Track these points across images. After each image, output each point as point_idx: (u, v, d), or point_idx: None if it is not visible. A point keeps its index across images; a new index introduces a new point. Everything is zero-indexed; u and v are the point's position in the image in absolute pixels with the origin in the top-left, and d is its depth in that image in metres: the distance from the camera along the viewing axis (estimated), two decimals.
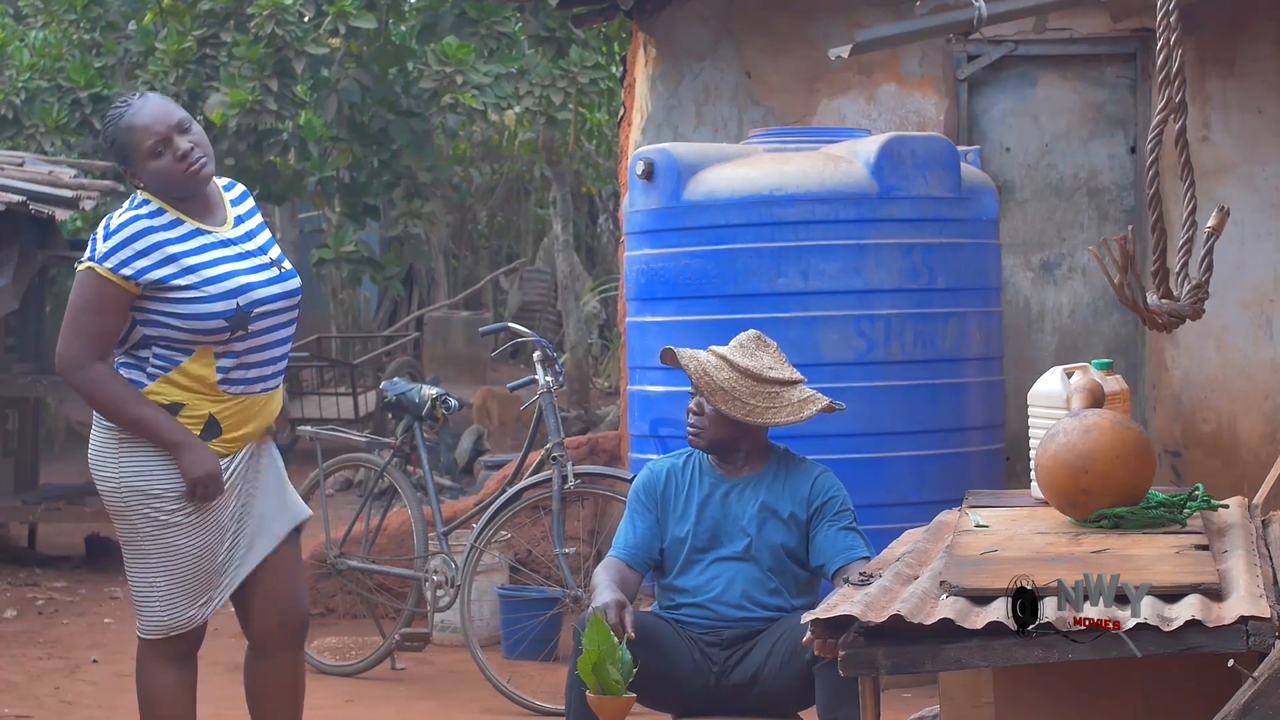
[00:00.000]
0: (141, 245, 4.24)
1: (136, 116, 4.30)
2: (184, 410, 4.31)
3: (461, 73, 12.25)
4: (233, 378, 4.33)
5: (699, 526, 4.60)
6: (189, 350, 4.29)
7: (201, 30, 12.00)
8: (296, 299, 4.44)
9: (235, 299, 4.27)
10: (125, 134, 4.30)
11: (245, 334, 4.30)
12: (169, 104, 4.37)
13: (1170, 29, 3.94)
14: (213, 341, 4.28)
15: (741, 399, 4.55)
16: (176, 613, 4.35)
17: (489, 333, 7.50)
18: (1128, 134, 7.51)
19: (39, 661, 7.11)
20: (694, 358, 4.61)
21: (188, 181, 4.30)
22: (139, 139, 4.28)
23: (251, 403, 4.38)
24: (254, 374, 4.37)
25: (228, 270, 4.30)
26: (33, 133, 12.01)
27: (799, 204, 6.32)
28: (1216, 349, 7.32)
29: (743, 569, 4.55)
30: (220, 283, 4.27)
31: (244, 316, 4.28)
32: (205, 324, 4.25)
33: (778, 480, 4.61)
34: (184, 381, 4.30)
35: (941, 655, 3.15)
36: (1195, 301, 4.05)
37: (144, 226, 4.27)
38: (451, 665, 7.05)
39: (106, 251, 4.23)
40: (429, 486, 6.92)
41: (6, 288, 8.74)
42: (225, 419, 4.34)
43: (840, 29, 7.28)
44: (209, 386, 4.31)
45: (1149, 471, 3.96)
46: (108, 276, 4.23)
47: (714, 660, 4.50)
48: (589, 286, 18.24)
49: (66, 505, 9.33)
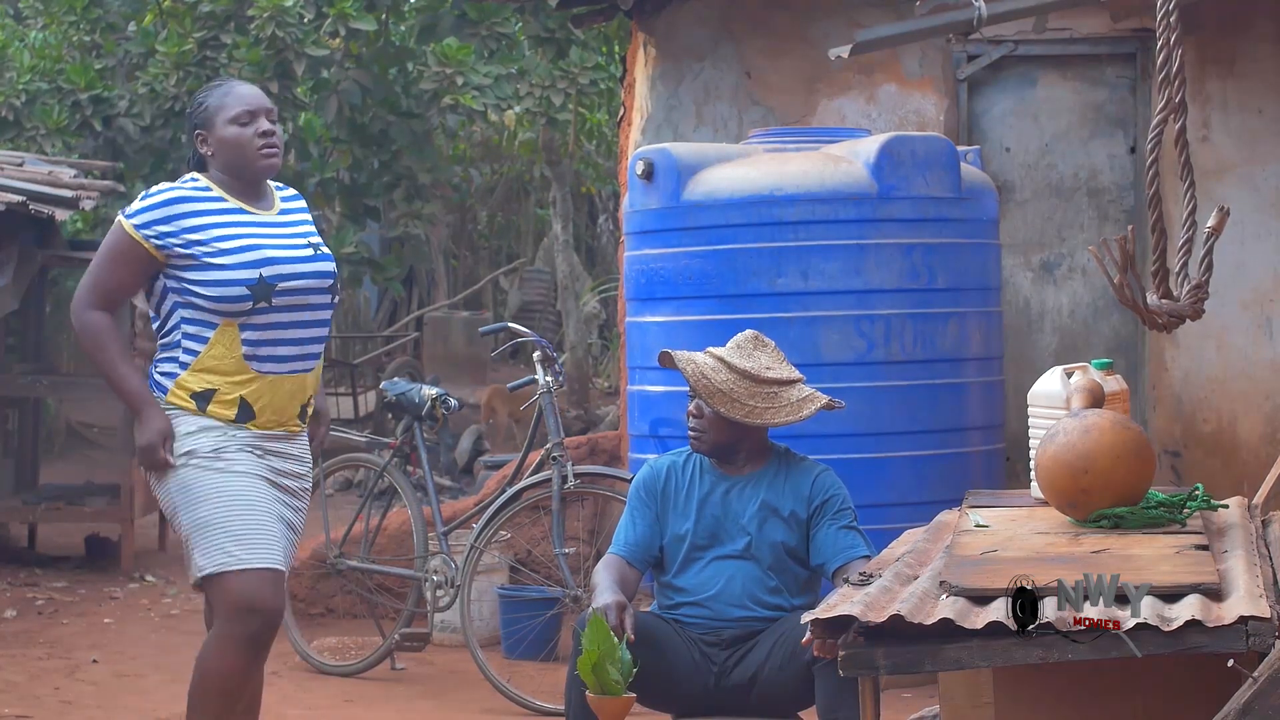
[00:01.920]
0: (172, 212, 4.34)
1: (236, 88, 4.46)
2: (216, 395, 4.34)
3: (461, 73, 12.25)
4: (261, 354, 4.36)
5: (699, 525, 4.60)
6: (214, 324, 4.33)
7: (202, 32, 11.99)
8: (329, 281, 4.49)
9: (259, 269, 4.33)
10: (219, 98, 4.43)
11: (269, 306, 4.34)
12: (264, 94, 4.53)
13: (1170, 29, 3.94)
14: (237, 312, 4.32)
15: (740, 400, 4.54)
16: (229, 546, 4.25)
17: (489, 333, 7.50)
18: (1128, 134, 7.51)
19: (39, 661, 7.10)
20: (691, 360, 4.61)
21: (257, 160, 4.41)
22: (231, 104, 4.41)
23: (282, 383, 4.40)
24: (283, 351, 4.39)
25: (253, 243, 4.37)
26: (33, 134, 12.00)
27: (799, 204, 6.32)
28: (1216, 349, 7.32)
29: (742, 568, 4.55)
30: (243, 253, 4.34)
31: (268, 287, 4.33)
32: (228, 291, 4.31)
33: (778, 479, 4.61)
34: (213, 363, 4.34)
35: (941, 655, 3.15)
36: (1195, 301, 4.05)
37: (181, 196, 4.38)
38: (451, 665, 7.05)
39: (138, 210, 4.36)
40: (429, 486, 6.93)
41: (6, 288, 8.74)
42: (257, 401, 4.36)
43: (840, 29, 7.29)
44: (237, 362, 4.34)
45: (1149, 471, 3.96)
46: (130, 234, 4.34)
47: (714, 660, 4.50)
48: (589, 287, 18.24)
49: (66, 505, 9.33)
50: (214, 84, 4.55)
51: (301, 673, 6.98)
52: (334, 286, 4.52)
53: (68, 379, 11.17)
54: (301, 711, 6.37)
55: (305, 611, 7.61)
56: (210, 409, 4.34)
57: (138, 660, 7.03)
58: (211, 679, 4.31)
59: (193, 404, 4.35)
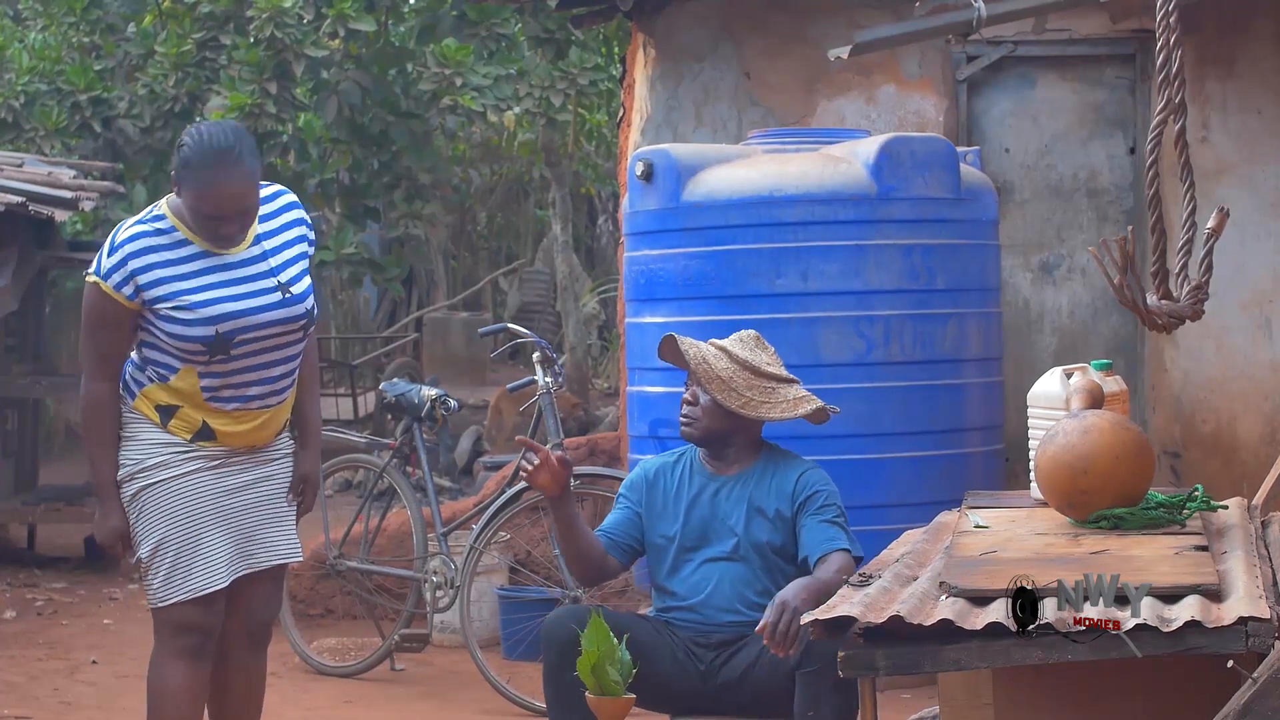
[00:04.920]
0: (139, 264, 4.28)
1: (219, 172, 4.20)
2: (179, 413, 4.38)
3: (461, 74, 12.24)
4: (222, 396, 4.38)
5: (687, 526, 4.60)
6: (175, 367, 4.35)
7: (201, 33, 11.99)
8: (300, 323, 4.41)
9: (215, 326, 4.29)
10: (197, 178, 4.21)
11: (227, 357, 4.33)
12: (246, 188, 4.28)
13: (1170, 30, 3.95)
14: (195, 361, 4.33)
15: (738, 390, 4.54)
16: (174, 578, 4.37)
17: (488, 334, 7.49)
18: (1127, 135, 7.51)
19: (38, 662, 7.11)
20: (695, 345, 4.62)
21: (211, 237, 4.30)
22: (201, 193, 4.22)
23: (249, 416, 4.42)
24: (250, 392, 4.40)
25: (214, 296, 4.30)
26: (32, 135, 12.00)
27: (798, 205, 6.32)
28: (1216, 349, 7.32)
29: (731, 569, 4.54)
30: (202, 309, 4.28)
31: (224, 343, 4.30)
32: (185, 345, 4.31)
33: (765, 477, 4.60)
34: (179, 390, 4.37)
35: (941, 656, 3.15)
36: (1195, 302, 4.05)
37: (145, 246, 4.29)
38: (451, 666, 7.05)
39: (109, 269, 4.30)
40: (428, 487, 6.93)
41: (6, 288, 8.74)
42: (221, 428, 4.40)
43: (840, 29, 7.29)
44: (197, 400, 4.37)
45: (1148, 472, 3.97)
46: (109, 293, 4.30)
47: (700, 660, 4.49)
48: (588, 288, 18.23)
49: (66, 506, 9.32)
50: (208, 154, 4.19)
51: (301, 673, 6.98)
52: (306, 325, 4.42)
53: (67, 379, 11.13)
54: (301, 712, 6.37)
55: (305, 612, 7.62)
56: (171, 424, 4.38)
57: (137, 661, 7.02)
58: (157, 694, 4.45)
59: (156, 415, 4.39)
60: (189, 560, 4.38)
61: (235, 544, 4.44)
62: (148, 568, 4.42)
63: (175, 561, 4.38)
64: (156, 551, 4.38)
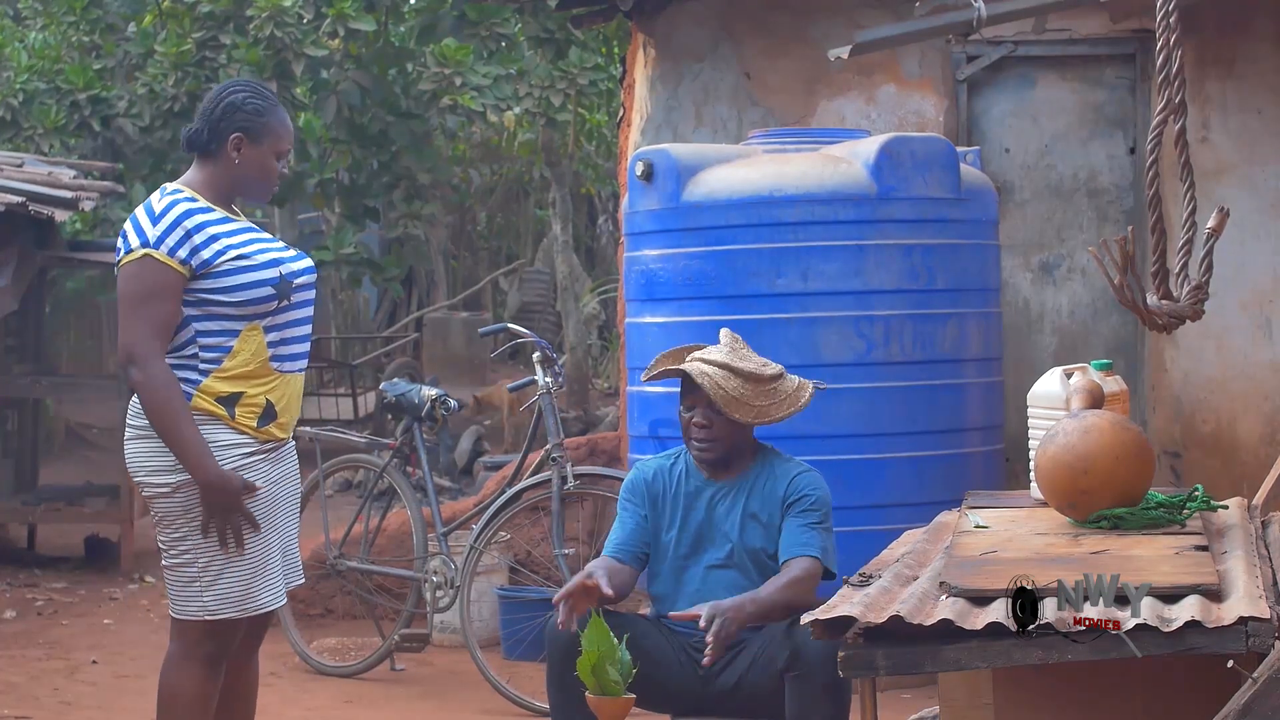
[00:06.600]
0: (192, 224, 4.23)
1: (287, 120, 4.45)
2: (243, 399, 4.27)
3: (461, 74, 12.25)
4: (282, 353, 4.35)
5: (683, 532, 4.59)
6: (236, 330, 4.26)
7: (201, 32, 12.00)
8: (314, 277, 4.50)
9: (277, 268, 4.31)
10: (278, 123, 4.39)
11: (288, 304, 4.33)
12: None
13: (1170, 30, 3.95)
14: (262, 313, 4.28)
15: (749, 403, 4.54)
16: (232, 592, 4.26)
17: (488, 334, 7.50)
18: (1127, 135, 7.51)
19: (38, 662, 7.10)
20: (704, 374, 4.56)
21: (266, 193, 4.48)
22: (284, 138, 4.40)
23: (296, 381, 4.41)
24: (296, 349, 4.40)
25: (262, 246, 4.35)
26: (31, 134, 12.01)
27: (798, 205, 6.32)
28: (1216, 350, 7.31)
29: (726, 576, 4.54)
30: (260, 254, 4.31)
31: (286, 285, 4.31)
32: (255, 293, 4.25)
33: (760, 482, 4.59)
34: (241, 369, 4.27)
35: (941, 656, 3.15)
36: (1195, 302, 4.05)
37: (187, 209, 4.26)
38: (451, 666, 7.06)
39: (160, 236, 4.20)
40: (428, 487, 6.93)
41: (6, 288, 8.74)
42: (279, 402, 4.35)
43: (840, 29, 7.29)
44: (262, 365, 4.29)
45: (1148, 472, 3.97)
46: (166, 261, 4.19)
47: (700, 662, 4.49)
48: (588, 288, 18.24)
49: (66, 506, 9.33)
50: (269, 99, 4.41)
51: (301, 673, 6.98)
52: (316, 282, 4.55)
53: (67, 379, 11.19)
54: (301, 712, 6.37)
55: (305, 612, 7.61)
56: (239, 414, 4.26)
57: (137, 661, 7.02)
58: (171, 697, 4.38)
59: (221, 409, 4.25)
60: (250, 576, 4.28)
61: (284, 559, 4.42)
62: (189, 576, 4.27)
63: (237, 576, 4.27)
64: (213, 562, 4.25)
